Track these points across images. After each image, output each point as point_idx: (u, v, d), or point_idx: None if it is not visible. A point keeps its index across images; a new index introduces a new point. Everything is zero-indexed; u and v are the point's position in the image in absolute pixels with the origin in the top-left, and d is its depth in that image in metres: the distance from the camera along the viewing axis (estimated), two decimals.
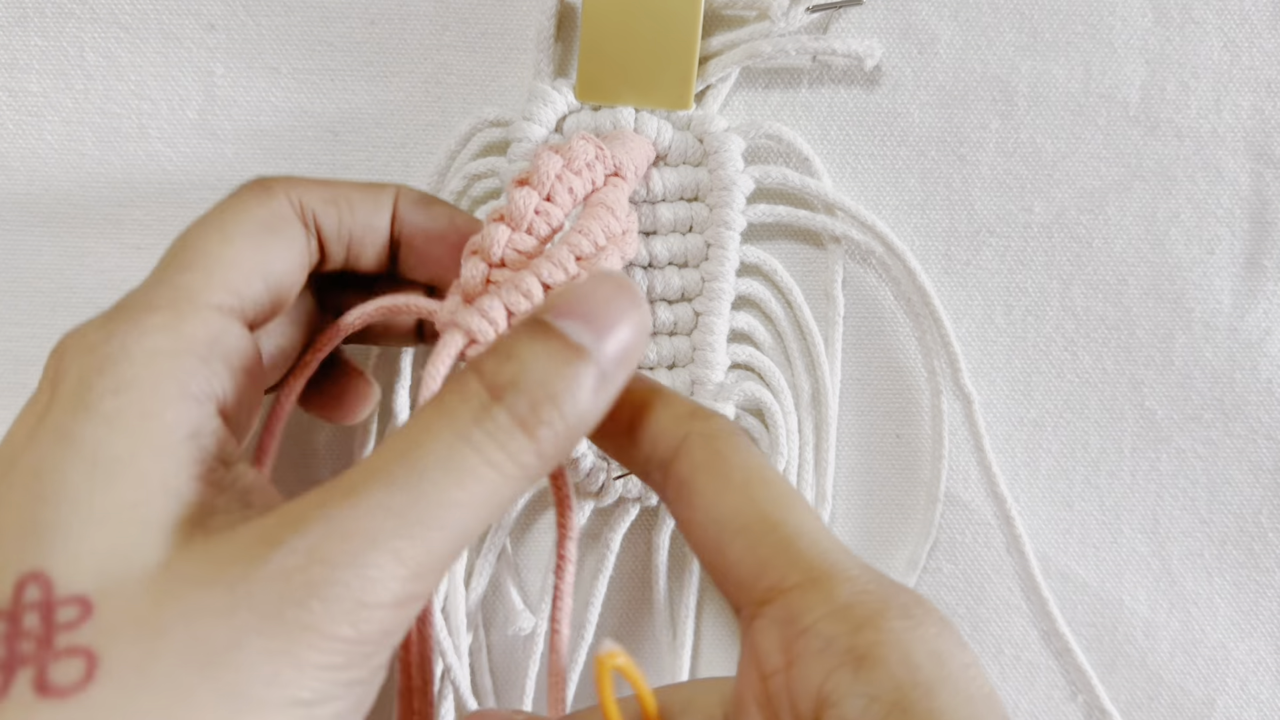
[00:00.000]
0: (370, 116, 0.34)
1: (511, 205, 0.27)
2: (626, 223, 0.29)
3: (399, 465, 0.20)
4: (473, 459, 0.21)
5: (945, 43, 0.35)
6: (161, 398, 0.22)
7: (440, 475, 0.20)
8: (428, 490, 0.20)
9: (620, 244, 0.28)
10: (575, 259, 0.27)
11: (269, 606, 0.19)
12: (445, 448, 0.21)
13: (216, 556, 0.20)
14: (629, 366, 0.23)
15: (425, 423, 0.21)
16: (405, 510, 0.20)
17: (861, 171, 0.35)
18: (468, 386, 0.21)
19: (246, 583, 0.20)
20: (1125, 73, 0.35)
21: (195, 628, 0.19)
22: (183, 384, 0.22)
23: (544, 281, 0.26)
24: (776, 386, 0.34)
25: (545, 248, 0.27)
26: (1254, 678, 0.36)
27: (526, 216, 0.27)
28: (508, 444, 0.21)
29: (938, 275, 0.35)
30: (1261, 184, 0.35)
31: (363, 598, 0.20)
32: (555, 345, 0.22)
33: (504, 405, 0.21)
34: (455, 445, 0.21)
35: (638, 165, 0.31)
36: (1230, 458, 0.36)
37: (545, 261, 0.26)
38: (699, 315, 0.34)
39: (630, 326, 0.22)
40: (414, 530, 0.20)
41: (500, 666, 0.35)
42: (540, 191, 0.28)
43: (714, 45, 0.34)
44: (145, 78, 0.34)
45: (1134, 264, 0.36)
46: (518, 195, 0.27)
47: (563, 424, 0.21)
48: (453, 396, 0.21)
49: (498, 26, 0.34)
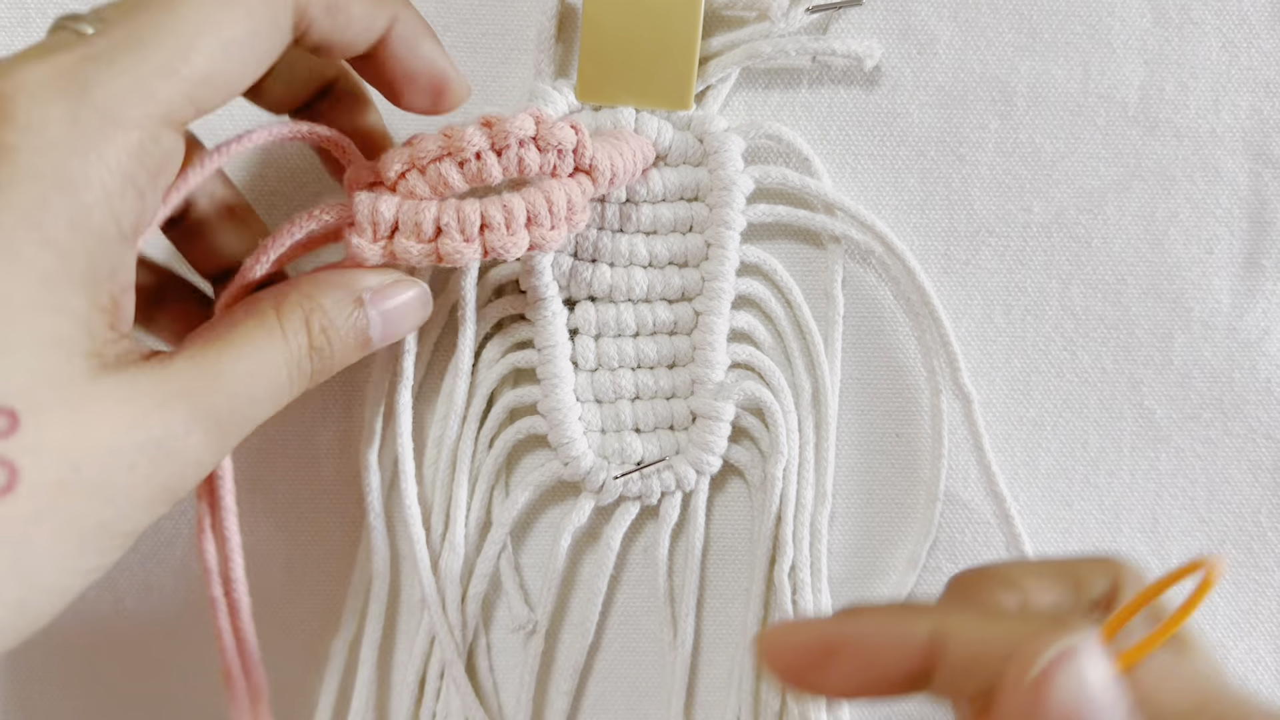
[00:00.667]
0: None
1: (463, 139, 0.28)
2: (559, 218, 0.29)
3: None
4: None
5: (944, 43, 0.35)
6: (99, 233, 0.23)
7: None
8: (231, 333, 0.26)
9: (539, 228, 0.29)
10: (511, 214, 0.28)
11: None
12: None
13: (131, 389, 0.23)
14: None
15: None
16: None
17: (861, 171, 0.35)
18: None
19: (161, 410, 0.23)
20: (1124, 73, 0.35)
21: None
22: (118, 220, 0.23)
23: (483, 213, 0.28)
24: (776, 386, 0.34)
25: (450, 193, 0.28)
26: (1253, 676, 0.36)
27: (468, 150, 0.28)
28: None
29: (937, 275, 0.35)
30: (1260, 184, 0.35)
31: None
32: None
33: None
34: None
35: (628, 169, 0.31)
36: (1229, 457, 0.36)
37: (496, 201, 0.28)
38: (699, 315, 0.34)
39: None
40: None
41: (500, 666, 0.36)
42: (497, 142, 0.28)
43: (714, 46, 0.34)
44: None
45: (1133, 264, 0.36)
46: (473, 132, 0.28)
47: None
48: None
49: (498, 27, 0.34)
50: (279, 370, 0.26)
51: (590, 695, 0.36)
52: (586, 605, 0.35)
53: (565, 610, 0.36)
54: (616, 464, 0.34)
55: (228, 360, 0.25)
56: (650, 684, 0.36)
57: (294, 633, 0.35)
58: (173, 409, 0.24)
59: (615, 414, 0.34)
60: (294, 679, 0.35)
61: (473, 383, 0.34)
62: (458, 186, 0.28)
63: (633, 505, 0.34)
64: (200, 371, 0.25)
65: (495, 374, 0.34)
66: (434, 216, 0.28)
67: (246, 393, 0.25)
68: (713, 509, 0.36)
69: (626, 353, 0.34)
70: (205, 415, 0.24)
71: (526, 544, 0.36)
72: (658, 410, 0.34)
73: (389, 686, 0.35)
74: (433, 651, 0.34)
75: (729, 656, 0.36)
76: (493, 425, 0.34)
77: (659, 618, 0.35)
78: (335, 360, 0.28)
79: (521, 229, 0.29)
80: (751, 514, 0.36)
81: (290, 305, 0.27)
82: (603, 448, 0.34)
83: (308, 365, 0.27)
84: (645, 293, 0.34)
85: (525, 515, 0.35)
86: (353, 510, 0.35)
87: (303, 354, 0.27)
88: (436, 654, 0.34)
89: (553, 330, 0.33)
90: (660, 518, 0.35)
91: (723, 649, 0.36)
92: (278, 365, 0.26)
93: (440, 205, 0.28)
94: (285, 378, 0.26)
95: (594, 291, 0.34)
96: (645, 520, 0.36)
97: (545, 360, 0.33)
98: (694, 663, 0.36)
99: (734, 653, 0.36)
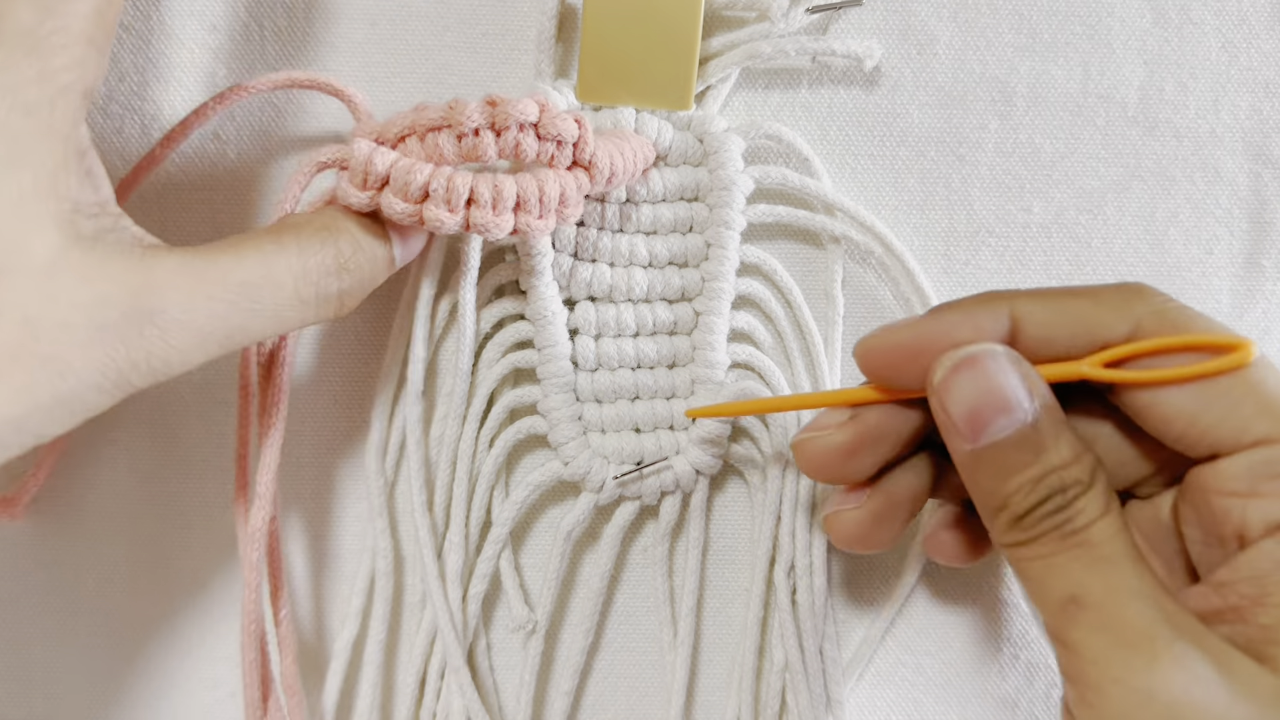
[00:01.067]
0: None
1: (463, 113, 0.28)
2: (548, 208, 0.30)
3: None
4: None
5: (944, 43, 0.35)
6: (65, 88, 0.24)
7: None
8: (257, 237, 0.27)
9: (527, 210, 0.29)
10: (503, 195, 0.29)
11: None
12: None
13: (101, 267, 0.23)
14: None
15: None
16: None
17: (861, 172, 0.35)
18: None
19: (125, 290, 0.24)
20: (1124, 73, 0.35)
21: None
22: (83, 77, 0.24)
23: (473, 188, 0.29)
24: (776, 386, 0.35)
25: (441, 167, 0.28)
26: None
27: (467, 125, 0.28)
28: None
29: (937, 275, 0.35)
30: (1260, 184, 0.35)
31: None
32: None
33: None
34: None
35: (628, 168, 0.31)
36: None
37: (488, 178, 0.29)
38: (699, 315, 0.34)
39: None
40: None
41: (500, 666, 0.36)
42: (497, 122, 0.28)
43: (714, 46, 0.34)
44: (147, 79, 0.34)
45: (1133, 264, 0.36)
46: (475, 108, 0.28)
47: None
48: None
49: (498, 27, 0.34)
50: (283, 286, 0.26)
51: (590, 695, 0.36)
52: (586, 605, 0.35)
53: (565, 610, 0.36)
54: (616, 464, 0.34)
55: (223, 265, 0.25)
56: (650, 684, 0.36)
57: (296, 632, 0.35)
58: (140, 298, 0.24)
59: (615, 414, 0.34)
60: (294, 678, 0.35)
61: (473, 383, 0.34)
62: (451, 159, 0.28)
63: (632, 505, 0.34)
64: (186, 269, 0.25)
65: (495, 374, 0.34)
66: (424, 180, 0.28)
67: (237, 300, 0.25)
68: (712, 509, 0.36)
69: (626, 353, 0.34)
70: (177, 311, 0.24)
71: (526, 544, 0.36)
72: (658, 410, 0.34)
73: (390, 687, 0.35)
74: (433, 651, 0.34)
75: (729, 656, 0.36)
76: (493, 425, 0.34)
77: (659, 618, 0.35)
78: (366, 278, 0.29)
79: (508, 211, 0.29)
80: (751, 514, 0.36)
81: (315, 228, 0.28)
82: (602, 448, 0.34)
83: (332, 284, 0.28)
84: (645, 293, 0.34)
85: (525, 515, 0.35)
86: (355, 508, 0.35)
87: (324, 272, 0.27)
88: (436, 654, 0.34)
89: (553, 330, 0.33)
90: (660, 518, 0.35)
91: (723, 649, 0.36)
92: (282, 280, 0.26)
93: (433, 170, 0.28)
94: (291, 294, 0.27)
95: (594, 291, 0.34)
96: (645, 520, 0.36)
97: (545, 360, 0.33)
98: (694, 663, 0.36)
99: (734, 653, 0.36)
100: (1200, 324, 0.26)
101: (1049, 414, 0.26)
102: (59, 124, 0.23)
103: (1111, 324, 0.26)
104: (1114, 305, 0.27)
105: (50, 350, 0.23)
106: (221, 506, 0.35)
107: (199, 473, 0.35)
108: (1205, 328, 0.26)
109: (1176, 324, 0.26)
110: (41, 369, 0.23)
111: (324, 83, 0.32)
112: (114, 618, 0.35)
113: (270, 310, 0.26)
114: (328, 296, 0.28)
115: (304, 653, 0.35)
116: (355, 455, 0.35)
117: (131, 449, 0.35)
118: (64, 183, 0.24)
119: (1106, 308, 0.27)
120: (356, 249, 0.28)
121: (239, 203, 0.34)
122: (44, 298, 0.23)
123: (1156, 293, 0.27)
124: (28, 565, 0.35)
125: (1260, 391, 0.25)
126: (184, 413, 0.35)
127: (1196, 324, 0.26)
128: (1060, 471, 0.25)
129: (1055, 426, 0.26)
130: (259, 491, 0.31)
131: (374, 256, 0.29)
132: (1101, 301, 0.27)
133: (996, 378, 0.26)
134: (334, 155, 0.30)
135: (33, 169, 0.23)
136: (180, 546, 0.35)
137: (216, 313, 0.25)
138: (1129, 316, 0.26)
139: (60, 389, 0.23)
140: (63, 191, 0.23)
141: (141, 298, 0.24)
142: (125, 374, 0.24)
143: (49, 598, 0.35)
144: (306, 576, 0.35)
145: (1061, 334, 0.27)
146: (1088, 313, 0.27)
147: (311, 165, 0.30)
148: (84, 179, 0.24)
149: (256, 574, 0.31)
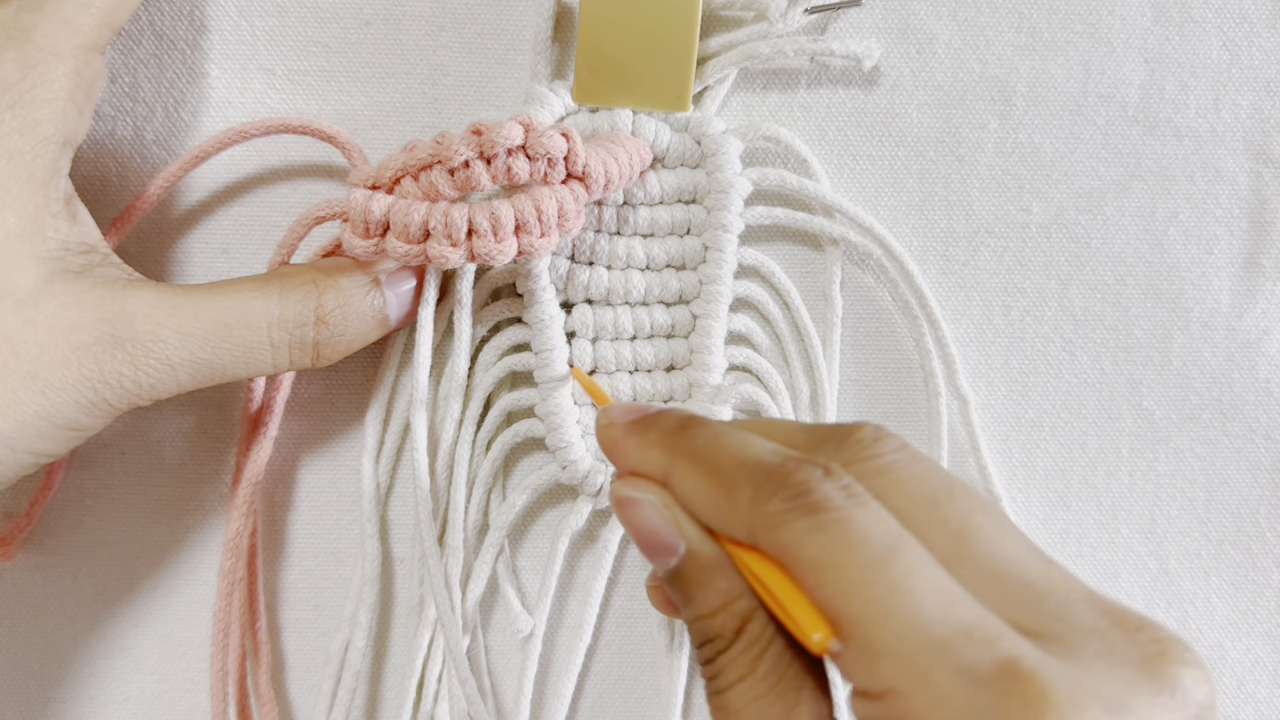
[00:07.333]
0: (366, 118, 0.34)
1: (450, 148, 0.28)
2: (549, 226, 0.29)
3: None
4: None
5: (943, 43, 0.35)
6: (47, 139, 0.26)
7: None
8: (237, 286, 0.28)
9: (529, 235, 0.29)
10: (501, 219, 0.29)
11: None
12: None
13: (79, 296, 0.26)
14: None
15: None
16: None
17: (860, 173, 0.35)
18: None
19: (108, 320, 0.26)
20: (1124, 72, 0.35)
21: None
22: (63, 130, 0.26)
23: (470, 219, 0.29)
24: (774, 388, 0.34)
25: (437, 204, 0.29)
26: (1251, 677, 0.36)
27: (456, 160, 0.28)
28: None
29: (936, 276, 0.35)
30: (1260, 183, 0.35)
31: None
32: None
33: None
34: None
35: (624, 173, 0.31)
36: (1228, 457, 0.36)
37: (484, 207, 0.29)
38: (697, 318, 0.34)
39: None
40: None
41: (498, 668, 0.35)
42: (485, 151, 0.28)
43: (712, 46, 0.34)
44: (139, 80, 0.33)
45: (1132, 264, 0.36)
46: (461, 141, 0.28)
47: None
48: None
49: (494, 28, 0.34)
50: (256, 329, 0.28)
51: (588, 697, 0.36)
52: (584, 608, 0.35)
53: (563, 613, 0.36)
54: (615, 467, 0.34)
55: (199, 302, 0.27)
56: (648, 686, 0.36)
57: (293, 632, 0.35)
58: (111, 325, 0.26)
59: None
60: (294, 678, 0.35)
61: (470, 386, 0.34)
62: (448, 194, 0.29)
63: None
64: (161, 303, 0.27)
65: (492, 377, 0.34)
66: (421, 219, 0.28)
67: (208, 337, 0.27)
68: None
69: (624, 356, 0.34)
70: (146, 339, 0.26)
71: (524, 547, 0.36)
72: None
73: (388, 689, 0.35)
74: (430, 655, 0.34)
75: None
76: (490, 428, 0.34)
77: (656, 620, 0.35)
78: (349, 335, 0.30)
79: (510, 236, 0.29)
80: None
81: (300, 279, 0.29)
82: (600, 450, 0.34)
83: (309, 334, 0.28)
84: (643, 295, 0.34)
85: (522, 518, 0.35)
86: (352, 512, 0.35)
87: (300, 322, 0.28)
88: (433, 658, 0.34)
89: (550, 334, 0.33)
90: None
91: None
92: (255, 324, 0.28)
93: (429, 208, 0.28)
94: (264, 337, 0.28)
95: (591, 294, 0.34)
96: None
97: (542, 364, 0.33)
98: (692, 665, 0.36)
99: None
100: (804, 571, 0.21)
101: (693, 560, 0.24)
102: (39, 172, 0.26)
103: (733, 528, 0.23)
104: (741, 507, 0.23)
105: (31, 368, 0.25)
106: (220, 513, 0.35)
107: (194, 477, 0.35)
108: (809, 579, 0.21)
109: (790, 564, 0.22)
110: (24, 386, 0.25)
111: (317, 129, 0.32)
112: (111, 621, 0.35)
113: (240, 350, 0.28)
114: (303, 345, 0.29)
115: (298, 659, 0.35)
116: (351, 459, 0.35)
117: (126, 454, 0.35)
118: (49, 224, 0.26)
119: (736, 507, 0.23)
120: (341, 304, 0.29)
121: (241, 234, 0.34)
122: (24, 322, 0.25)
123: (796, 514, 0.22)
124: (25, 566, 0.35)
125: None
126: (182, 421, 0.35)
127: (805, 571, 0.21)
128: (705, 620, 0.23)
129: (702, 573, 0.24)
130: (236, 502, 0.32)
131: (360, 313, 0.30)
132: (736, 498, 0.23)
133: (651, 519, 0.24)
134: (331, 210, 0.31)
135: (15, 211, 0.25)
136: (176, 550, 0.35)
137: (186, 346, 0.27)
138: (747, 528, 0.23)
139: (43, 405, 0.25)
140: (49, 232, 0.26)
141: (114, 325, 0.26)
142: (101, 393, 0.26)
143: (44, 602, 0.35)
144: (305, 579, 0.35)
145: (702, 511, 0.24)
146: (721, 504, 0.23)
147: (309, 219, 0.31)
148: (70, 221, 0.27)
149: (229, 582, 0.32)
